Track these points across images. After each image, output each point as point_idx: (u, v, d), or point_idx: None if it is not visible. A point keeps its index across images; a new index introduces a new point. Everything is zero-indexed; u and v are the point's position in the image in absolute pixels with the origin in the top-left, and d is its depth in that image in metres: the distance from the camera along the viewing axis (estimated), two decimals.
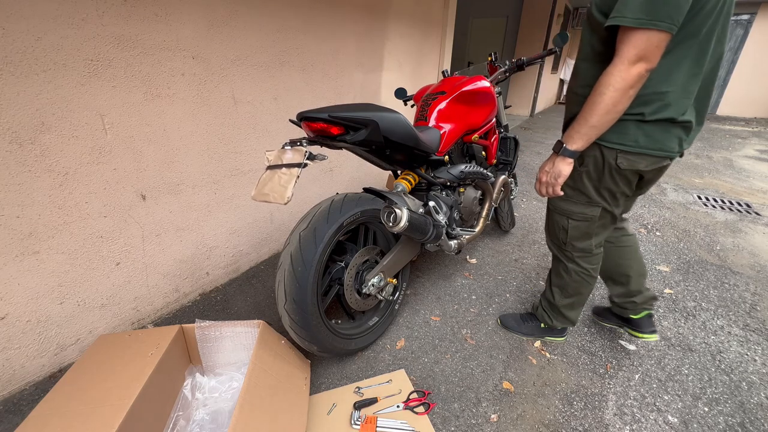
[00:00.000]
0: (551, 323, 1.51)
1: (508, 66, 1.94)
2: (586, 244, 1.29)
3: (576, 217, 1.24)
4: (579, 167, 1.14)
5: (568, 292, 1.42)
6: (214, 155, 1.69)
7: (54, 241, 1.27)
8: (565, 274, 1.39)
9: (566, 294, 1.43)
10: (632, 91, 0.91)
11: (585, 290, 1.40)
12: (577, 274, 1.36)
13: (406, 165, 1.42)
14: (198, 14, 1.46)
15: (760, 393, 1.34)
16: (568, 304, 1.45)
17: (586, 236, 1.27)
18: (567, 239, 1.30)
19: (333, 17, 2.08)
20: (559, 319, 1.49)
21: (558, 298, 1.45)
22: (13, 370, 1.27)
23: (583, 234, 1.27)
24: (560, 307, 1.46)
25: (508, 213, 2.40)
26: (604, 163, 1.09)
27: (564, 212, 1.26)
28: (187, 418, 1.14)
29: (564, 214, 1.26)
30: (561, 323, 1.51)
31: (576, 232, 1.27)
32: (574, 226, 1.26)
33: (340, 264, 1.37)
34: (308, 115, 1.06)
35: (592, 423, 1.23)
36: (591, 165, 1.12)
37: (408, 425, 1.18)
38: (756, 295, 1.89)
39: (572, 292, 1.41)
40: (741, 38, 7.85)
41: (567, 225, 1.27)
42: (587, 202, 1.19)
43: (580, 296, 1.42)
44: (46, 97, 1.15)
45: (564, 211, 1.26)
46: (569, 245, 1.31)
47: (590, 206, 1.20)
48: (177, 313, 1.72)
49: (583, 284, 1.38)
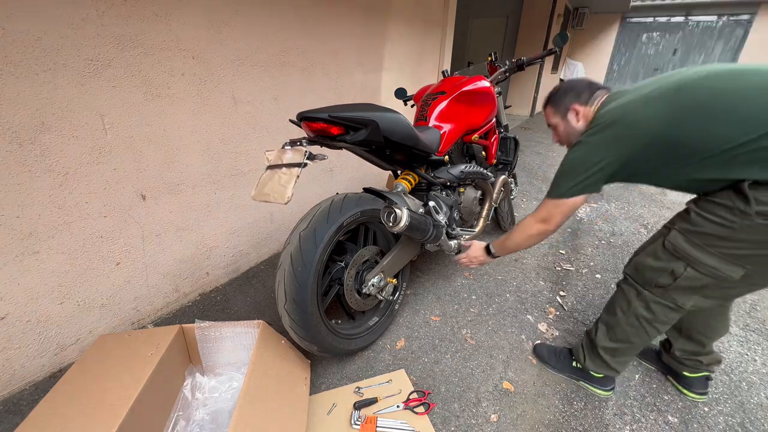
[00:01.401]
0: (584, 363, 1.29)
1: (508, 66, 1.94)
2: (683, 298, 1.03)
3: (702, 270, 0.95)
4: (756, 217, 0.82)
5: (616, 335, 1.18)
6: (214, 155, 1.69)
7: (54, 241, 1.27)
8: (621, 312, 1.15)
9: (612, 336, 1.20)
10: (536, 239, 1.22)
11: (638, 341, 1.16)
12: (637, 318, 1.11)
13: (406, 165, 1.42)
14: (198, 14, 1.46)
15: (760, 393, 1.34)
16: (611, 349, 1.21)
17: (693, 291, 1.00)
18: (669, 286, 1.02)
19: (333, 17, 2.08)
20: (596, 361, 1.26)
21: (600, 337, 1.23)
22: (13, 370, 1.27)
23: (692, 288, 1.00)
24: (600, 348, 1.23)
25: (508, 213, 2.40)
26: None
27: (687, 257, 0.96)
28: (187, 418, 1.14)
29: (685, 259, 0.97)
30: (596, 367, 1.27)
31: (686, 283, 0.99)
32: (691, 277, 0.97)
33: (340, 264, 1.37)
34: (308, 115, 1.06)
35: (592, 423, 1.23)
36: None
37: (408, 425, 1.18)
38: (756, 295, 1.89)
39: (621, 337, 1.17)
40: (741, 38, 7.85)
41: (682, 273, 0.98)
42: (730, 260, 0.91)
43: (630, 346, 1.18)
44: (46, 97, 1.15)
45: (689, 256, 0.96)
46: (661, 291, 1.05)
47: (731, 264, 0.91)
48: (177, 313, 1.72)
49: (639, 334, 1.13)
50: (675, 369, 1.34)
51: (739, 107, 0.82)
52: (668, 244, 1.01)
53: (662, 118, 0.90)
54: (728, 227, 0.88)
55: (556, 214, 1.11)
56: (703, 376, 1.30)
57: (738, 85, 0.85)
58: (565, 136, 1.22)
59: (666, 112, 0.89)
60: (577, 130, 1.15)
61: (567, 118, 1.17)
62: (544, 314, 1.74)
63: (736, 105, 0.83)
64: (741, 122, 0.82)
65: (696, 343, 1.24)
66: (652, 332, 1.12)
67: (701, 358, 1.25)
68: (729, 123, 0.83)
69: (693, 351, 1.26)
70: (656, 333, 1.12)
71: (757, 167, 0.81)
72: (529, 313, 1.75)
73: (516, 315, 1.73)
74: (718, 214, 0.90)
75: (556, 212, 1.11)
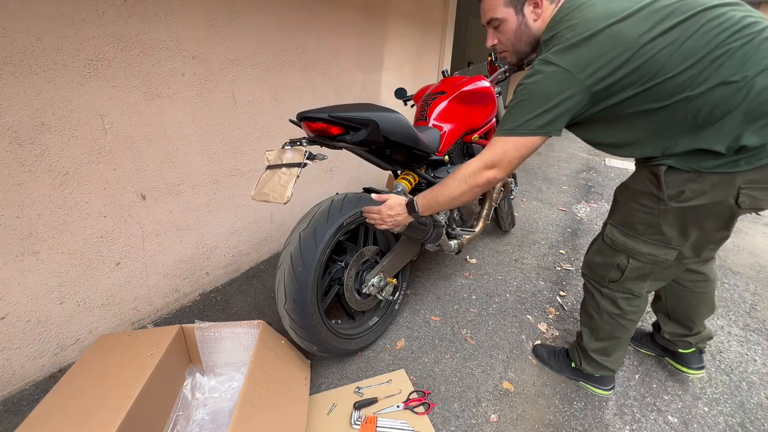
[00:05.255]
0: (580, 365, 1.29)
1: (508, 66, 1.94)
2: (637, 287, 1.06)
3: (641, 258, 0.99)
4: (669, 202, 0.88)
5: (600, 335, 1.19)
6: (214, 155, 1.69)
7: (54, 241, 1.27)
8: (595, 313, 1.16)
9: (597, 337, 1.20)
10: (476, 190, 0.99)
11: (621, 335, 1.16)
12: (610, 315, 1.12)
13: (406, 165, 1.42)
14: (198, 14, 1.46)
15: (760, 393, 1.34)
16: (599, 349, 1.21)
17: (642, 278, 1.04)
18: (620, 279, 1.05)
19: (333, 17, 2.08)
20: (591, 364, 1.25)
21: (587, 340, 1.22)
22: (13, 370, 1.27)
23: (640, 276, 1.03)
24: (590, 352, 1.23)
25: (508, 213, 2.40)
26: (718, 199, 0.84)
27: (626, 249, 1.01)
28: (187, 418, 1.14)
29: (625, 251, 1.01)
30: (593, 369, 1.26)
31: (634, 274, 1.03)
32: (635, 267, 1.01)
33: (340, 264, 1.37)
34: (308, 115, 1.06)
35: (592, 423, 1.23)
36: (695, 200, 0.85)
37: (408, 425, 1.18)
38: (756, 295, 1.89)
39: (604, 335, 1.17)
40: None
41: (626, 265, 1.02)
42: (663, 244, 0.95)
43: (616, 341, 1.17)
44: (46, 97, 1.15)
45: (627, 248, 1.00)
46: (615, 284, 1.08)
47: (666, 248, 0.95)
48: (177, 313, 1.72)
49: (618, 328, 1.14)
50: (669, 348, 1.37)
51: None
52: (607, 239, 1.06)
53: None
54: (650, 214, 0.92)
55: (509, 158, 0.89)
56: (696, 350, 1.33)
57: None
58: (513, 40, 0.96)
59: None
60: (532, 33, 0.93)
61: (523, 12, 0.92)
62: (544, 314, 1.74)
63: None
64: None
65: (683, 326, 1.28)
66: (629, 324, 1.14)
67: (690, 339, 1.29)
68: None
69: (681, 333, 1.30)
70: (633, 324, 1.14)
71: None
72: (529, 313, 1.75)
73: (516, 315, 1.73)
74: (640, 202, 0.94)
75: (510, 155, 0.89)
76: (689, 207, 0.87)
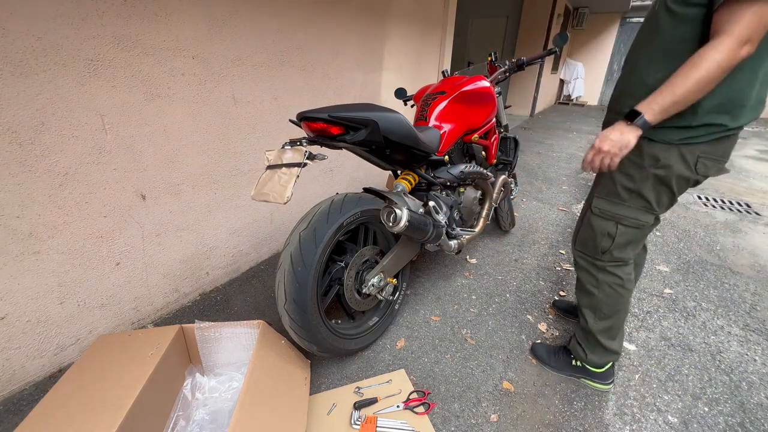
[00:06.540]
0: (586, 357, 1.31)
1: (508, 66, 1.94)
2: (625, 254, 1.16)
3: (627, 223, 1.11)
4: (648, 168, 1.02)
5: (603, 312, 1.23)
6: (214, 155, 1.69)
7: (54, 241, 1.27)
8: (595, 289, 1.22)
9: (601, 315, 1.24)
10: (726, 73, 0.83)
11: (623, 306, 1.22)
12: (610, 286, 1.20)
13: (406, 165, 1.42)
14: (198, 14, 1.46)
15: (760, 393, 1.34)
16: (605, 329, 1.25)
17: (628, 244, 1.15)
18: (611, 248, 1.15)
19: (333, 17, 2.08)
20: (597, 351, 1.28)
21: (592, 321, 1.25)
22: (13, 370, 1.27)
23: (627, 242, 1.14)
24: (596, 333, 1.26)
25: (508, 213, 2.40)
26: (682, 167, 0.98)
27: (613, 216, 1.12)
28: (187, 418, 1.14)
29: (613, 218, 1.12)
30: (599, 357, 1.29)
31: (622, 239, 1.13)
32: (623, 232, 1.12)
33: (340, 264, 1.37)
34: (308, 115, 1.06)
35: (592, 423, 1.23)
36: (666, 168, 1.00)
37: (408, 425, 1.18)
38: (756, 295, 1.89)
39: (608, 311, 1.22)
40: None
41: (615, 232, 1.12)
42: (645, 208, 1.08)
43: (618, 316, 1.23)
44: (46, 97, 1.15)
45: (614, 215, 1.12)
46: (607, 254, 1.17)
47: (647, 212, 1.08)
48: (177, 313, 1.72)
49: (619, 299, 1.21)
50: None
51: None
52: (596, 209, 1.17)
53: None
54: (632, 180, 1.06)
55: (761, 28, 0.77)
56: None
57: None
58: None
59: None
60: None
61: None
62: (544, 314, 1.74)
63: None
64: None
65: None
66: (627, 294, 1.22)
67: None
68: None
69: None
70: (630, 293, 1.23)
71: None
72: (529, 313, 1.75)
73: (516, 315, 1.73)
74: (625, 171, 1.07)
75: (762, 24, 0.77)
76: (663, 174, 1.01)
